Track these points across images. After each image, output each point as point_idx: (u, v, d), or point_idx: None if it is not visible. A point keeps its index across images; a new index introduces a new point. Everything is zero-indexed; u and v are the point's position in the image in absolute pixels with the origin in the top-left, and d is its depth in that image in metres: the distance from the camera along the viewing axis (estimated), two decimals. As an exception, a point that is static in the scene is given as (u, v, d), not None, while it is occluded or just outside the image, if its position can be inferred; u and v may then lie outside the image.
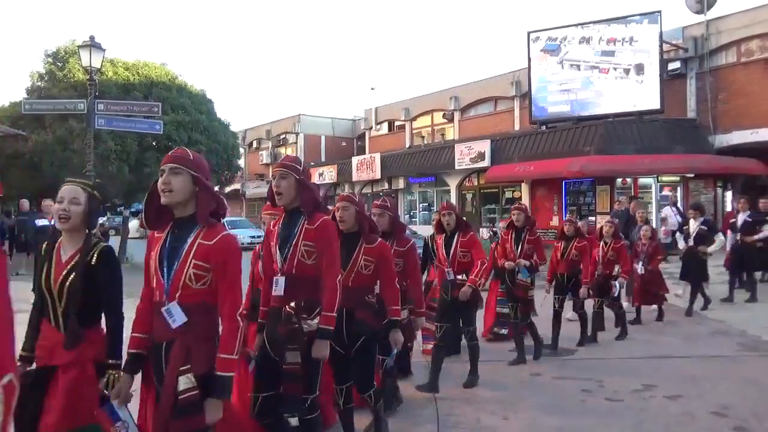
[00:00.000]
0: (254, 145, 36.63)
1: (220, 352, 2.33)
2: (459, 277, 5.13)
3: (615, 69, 17.76)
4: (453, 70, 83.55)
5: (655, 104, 17.08)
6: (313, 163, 30.02)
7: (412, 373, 5.52)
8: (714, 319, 8.30)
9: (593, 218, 17.28)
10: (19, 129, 15.93)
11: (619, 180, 16.79)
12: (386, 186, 25.22)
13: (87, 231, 2.71)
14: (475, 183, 21.64)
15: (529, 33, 19.25)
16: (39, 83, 17.15)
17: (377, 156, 25.35)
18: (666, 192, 16.83)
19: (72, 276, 2.58)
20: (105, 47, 12.35)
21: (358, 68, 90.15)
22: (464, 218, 5.61)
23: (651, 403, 4.86)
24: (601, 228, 7.51)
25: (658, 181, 16.95)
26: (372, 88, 36.61)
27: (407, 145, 27.28)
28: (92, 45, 11.97)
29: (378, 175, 24.89)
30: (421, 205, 24.73)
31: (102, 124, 12.34)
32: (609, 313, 7.50)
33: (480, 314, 6.29)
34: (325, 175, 28.11)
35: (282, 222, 3.16)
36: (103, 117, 12.20)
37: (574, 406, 4.82)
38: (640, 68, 17.29)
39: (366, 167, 25.50)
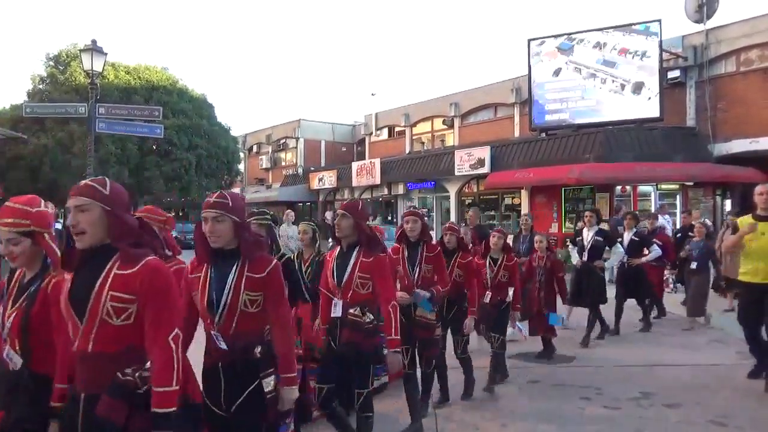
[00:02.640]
0: (254, 149, 36.71)
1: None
2: (351, 311, 3.53)
3: (613, 81, 17.83)
4: (453, 77, 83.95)
5: (655, 112, 17.15)
6: (313, 168, 30.09)
7: None
8: (713, 328, 8.30)
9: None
10: (19, 132, 16.00)
11: (619, 187, 16.82)
12: (386, 191, 25.26)
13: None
14: (475, 189, 21.64)
15: (529, 41, 19.36)
16: (40, 86, 17.24)
17: (377, 161, 25.38)
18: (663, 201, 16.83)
19: None
20: (107, 51, 12.43)
21: (358, 74, 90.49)
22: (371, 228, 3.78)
23: (650, 411, 4.86)
24: (486, 240, 5.75)
25: (657, 189, 16.99)
26: (372, 94, 37.02)
27: (407, 151, 27.35)
28: (94, 48, 12.01)
29: (378, 181, 24.92)
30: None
31: (103, 127, 12.38)
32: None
33: None
34: (324, 180, 28.17)
35: None
36: (104, 121, 12.24)
37: (572, 414, 4.82)
38: (638, 86, 17.35)
39: (366, 173, 25.53)
